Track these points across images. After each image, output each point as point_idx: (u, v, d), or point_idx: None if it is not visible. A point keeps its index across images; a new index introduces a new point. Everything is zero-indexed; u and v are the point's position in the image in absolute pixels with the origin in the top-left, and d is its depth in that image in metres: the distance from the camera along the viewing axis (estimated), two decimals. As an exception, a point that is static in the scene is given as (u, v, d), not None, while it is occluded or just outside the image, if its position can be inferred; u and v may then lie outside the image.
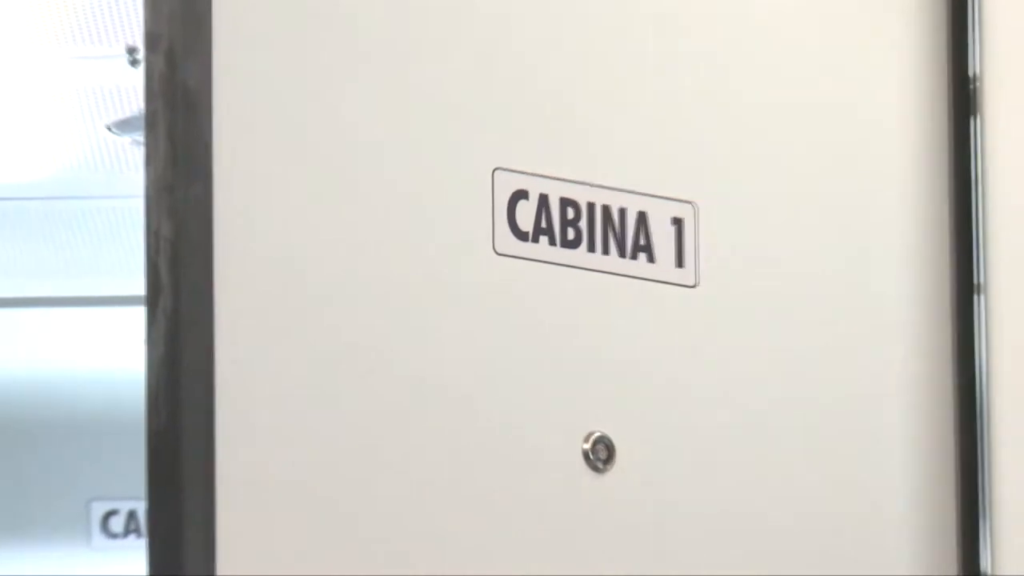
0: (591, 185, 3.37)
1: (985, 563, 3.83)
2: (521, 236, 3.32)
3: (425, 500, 3.29)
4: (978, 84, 3.68)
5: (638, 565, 3.37)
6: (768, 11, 3.64)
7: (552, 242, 3.35)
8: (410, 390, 3.28)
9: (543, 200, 3.33)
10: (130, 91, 3.08)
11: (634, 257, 3.39)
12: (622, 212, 3.38)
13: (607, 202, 3.37)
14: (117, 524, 5.80)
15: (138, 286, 3.11)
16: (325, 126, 3.28)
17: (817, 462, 3.64)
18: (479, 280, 3.33)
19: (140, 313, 3.10)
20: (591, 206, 3.36)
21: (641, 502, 3.37)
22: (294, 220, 3.24)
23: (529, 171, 3.32)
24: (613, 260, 3.38)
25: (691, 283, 3.43)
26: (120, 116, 3.70)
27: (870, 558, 3.87)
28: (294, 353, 3.23)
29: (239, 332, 3.16)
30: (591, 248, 3.36)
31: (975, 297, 3.67)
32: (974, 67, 3.69)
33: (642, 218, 3.40)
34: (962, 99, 3.69)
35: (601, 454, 3.32)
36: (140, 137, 3.32)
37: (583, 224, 3.37)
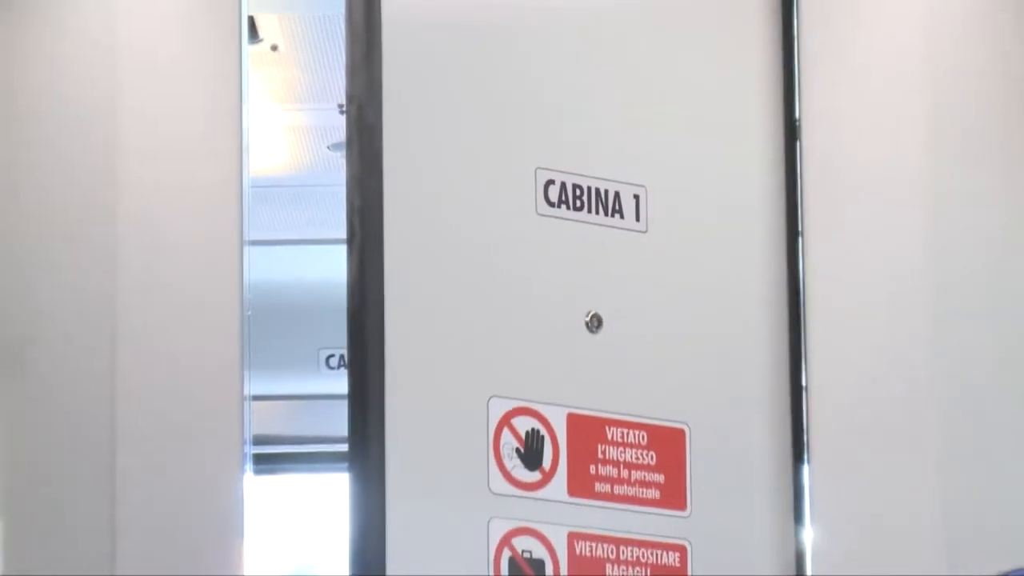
0: (590, 176, 3.40)
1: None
2: (551, 204, 3.38)
3: (498, 328, 3.34)
4: (799, 120, 3.66)
5: (612, 384, 3.37)
6: (675, 78, 3.62)
7: (568, 207, 3.39)
8: (495, 287, 3.33)
9: (563, 185, 3.38)
10: (340, 128, 3.13)
11: (612, 216, 3.42)
12: (606, 191, 3.42)
13: (598, 186, 3.41)
14: (334, 361, 5.77)
15: (343, 232, 3.23)
16: (446, 146, 3.34)
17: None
18: (528, 229, 3.38)
19: (343, 249, 3.20)
20: (589, 188, 3.40)
21: (617, 350, 3.39)
22: (431, 195, 3.33)
23: (556, 169, 3.38)
24: (601, 217, 3.42)
25: (644, 230, 3.45)
26: (334, 141, 3.73)
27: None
28: (429, 267, 3.31)
29: (399, 258, 3.26)
30: (589, 211, 3.41)
31: (798, 240, 3.61)
32: (798, 110, 3.66)
33: (617, 195, 3.43)
34: (792, 129, 3.65)
35: (595, 323, 3.37)
36: (344, 152, 3.34)
37: (585, 197, 3.40)
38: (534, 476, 3.28)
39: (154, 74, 3.73)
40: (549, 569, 3.27)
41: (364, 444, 3.16)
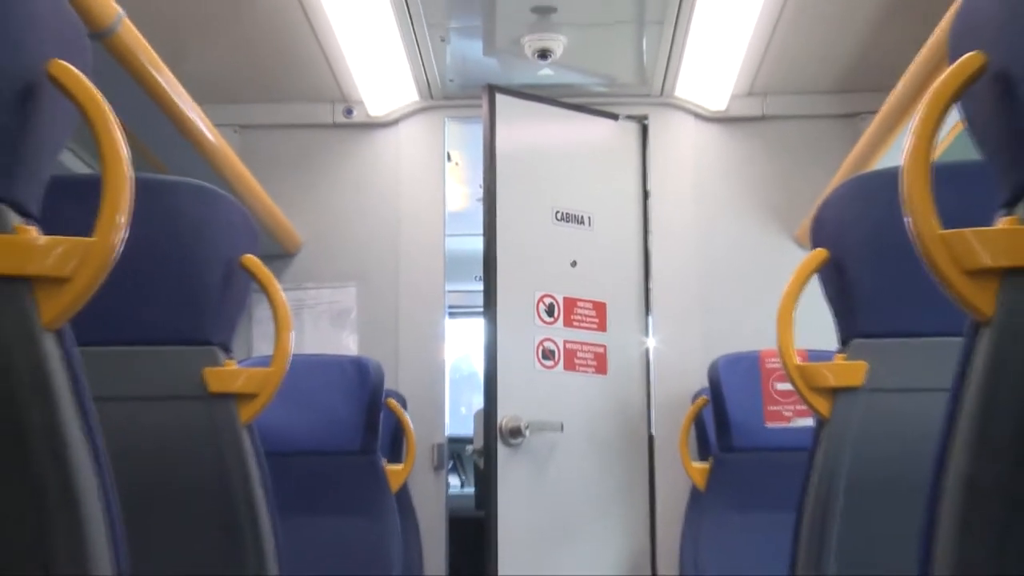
0: (573, 210, 3.25)
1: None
2: (558, 220, 3.23)
3: (538, 266, 3.19)
4: (648, 193, 3.54)
5: (579, 285, 3.28)
6: (603, 175, 3.44)
7: (565, 221, 3.25)
8: (537, 251, 3.19)
9: (564, 212, 3.23)
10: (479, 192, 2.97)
11: (580, 224, 3.27)
12: (578, 215, 3.27)
13: (576, 213, 3.25)
14: (478, 278, 4.16)
15: (480, 229, 3.13)
16: (518, 199, 3.16)
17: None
18: (549, 229, 3.23)
19: (480, 237, 3.11)
20: (573, 214, 3.25)
21: (582, 274, 3.26)
22: (514, 216, 3.14)
23: (560, 208, 3.23)
24: (576, 225, 3.26)
25: (592, 229, 3.29)
26: (478, 197, 3.34)
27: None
28: (513, 243, 3.11)
29: (502, 240, 3.07)
30: (572, 223, 3.26)
31: (648, 238, 3.50)
32: (648, 183, 3.54)
33: (581, 216, 3.28)
34: (645, 196, 3.52)
35: (573, 264, 3.25)
36: (482, 201, 3.19)
37: (572, 217, 3.25)
38: (551, 320, 3.20)
39: (412, 180, 3.68)
40: (557, 354, 3.18)
41: (489, 307, 3.07)
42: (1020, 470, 0.79)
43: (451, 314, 3.89)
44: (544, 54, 3.30)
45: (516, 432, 3.02)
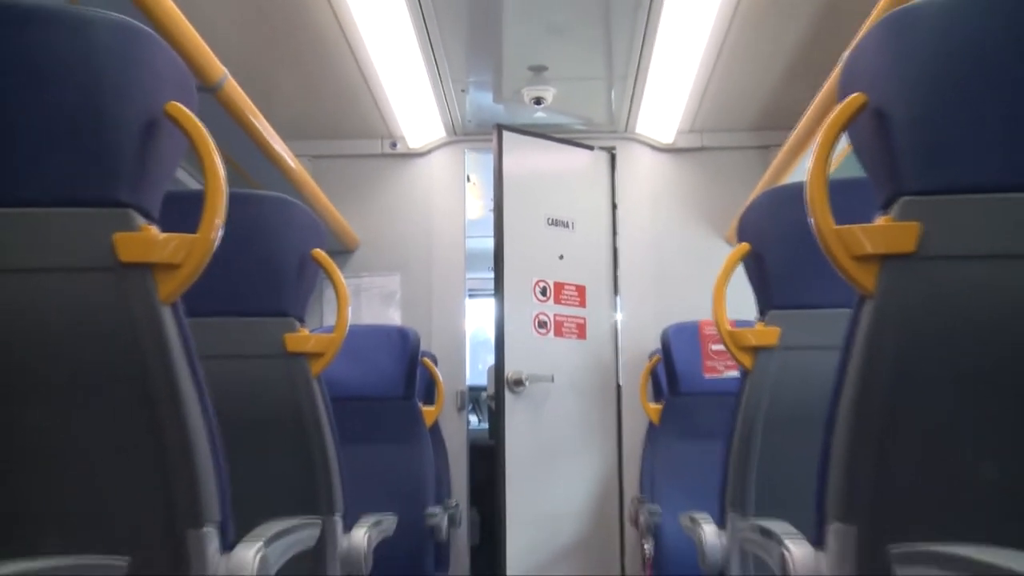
0: (561, 217, 3.20)
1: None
2: (549, 225, 3.18)
3: (532, 258, 3.12)
4: (616, 205, 3.47)
5: (566, 273, 3.22)
6: (580, 192, 3.34)
7: (556, 226, 3.19)
8: (535, 247, 3.13)
9: (553, 219, 3.18)
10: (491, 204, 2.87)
11: (566, 228, 3.21)
12: (564, 220, 3.21)
13: (564, 219, 3.19)
14: (488, 267, 3.97)
15: (491, 230, 3.09)
16: (521, 208, 3.09)
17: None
18: (543, 230, 3.17)
19: (491, 237, 3.07)
20: (561, 219, 3.20)
21: (569, 264, 3.20)
22: (517, 221, 3.07)
23: (552, 216, 3.18)
24: (563, 228, 3.20)
25: (574, 231, 3.24)
26: (489, 208, 3.22)
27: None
28: (516, 242, 3.05)
29: (508, 237, 3.02)
30: (560, 226, 3.20)
31: (616, 237, 3.43)
32: (616, 197, 3.47)
33: (567, 221, 3.22)
34: (614, 207, 3.46)
35: (561, 257, 3.20)
36: (492, 211, 3.18)
37: (560, 222, 3.19)
38: (545, 299, 3.16)
39: (440, 196, 3.59)
40: (549, 324, 3.13)
41: (498, 290, 3.02)
42: (892, 401, 0.84)
43: (470, 295, 3.77)
44: (538, 101, 3.30)
45: (519, 382, 3.00)
